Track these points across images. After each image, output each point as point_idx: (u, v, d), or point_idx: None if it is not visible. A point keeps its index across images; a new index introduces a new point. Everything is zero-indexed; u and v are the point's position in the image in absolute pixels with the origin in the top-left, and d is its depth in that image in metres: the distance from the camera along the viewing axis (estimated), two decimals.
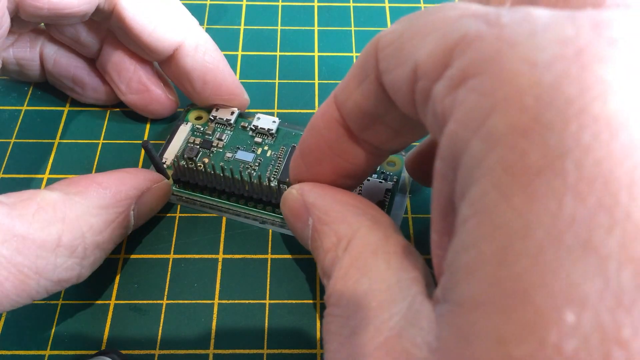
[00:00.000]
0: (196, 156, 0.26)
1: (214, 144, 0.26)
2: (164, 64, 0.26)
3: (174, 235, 0.25)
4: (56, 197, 0.19)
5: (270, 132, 0.27)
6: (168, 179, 0.25)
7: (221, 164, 0.24)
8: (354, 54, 0.32)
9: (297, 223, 0.20)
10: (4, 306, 0.18)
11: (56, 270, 0.18)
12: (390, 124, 0.17)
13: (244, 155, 0.26)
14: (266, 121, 0.27)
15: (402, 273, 0.16)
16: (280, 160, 0.26)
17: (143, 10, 0.24)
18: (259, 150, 0.26)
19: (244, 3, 0.35)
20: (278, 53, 0.32)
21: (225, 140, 0.27)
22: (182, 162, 0.24)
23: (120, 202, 0.21)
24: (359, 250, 0.17)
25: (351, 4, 0.35)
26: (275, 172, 0.25)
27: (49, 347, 0.22)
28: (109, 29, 0.26)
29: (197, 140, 0.26)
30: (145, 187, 0.22)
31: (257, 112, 0.27)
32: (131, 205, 0.21)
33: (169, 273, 0.24)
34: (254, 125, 0.27)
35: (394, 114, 0.17)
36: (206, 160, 0.26)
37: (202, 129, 0.27)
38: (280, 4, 0.35)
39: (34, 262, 0.17)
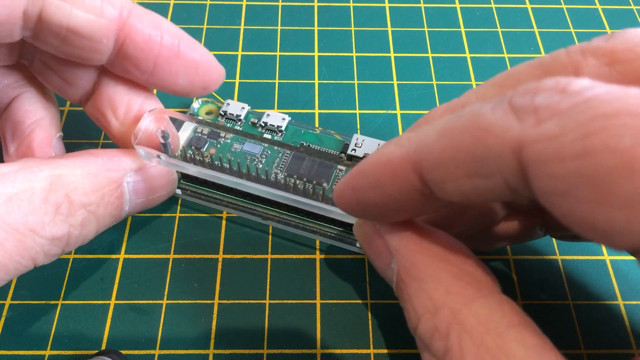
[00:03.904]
0: (203, 146, 0.26)
1: (222, 135, 0.26)
2: (116, 60, 0.22)
3: (174, 235, 0.25)
4: (40, 159, 0.19)
5: (280, 128, 0.27)
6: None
7: (228, 154, 0.24)
8: (354, 54, 0.32)
9: (376, 261, 0.19)
10: (10, 269, 0.18)
11: (46, 227, 0.18)
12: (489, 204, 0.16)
13: (251, 147, 0.26)
14: (276, 118, 0.27)
15: (547, 354, 0.14)
16: (287, 154, 0.25)
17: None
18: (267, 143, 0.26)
19: (244, 3, 0.35)
20: (278, 53, 0.32)
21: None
22: (189, 152, 0.24)
23: (111, 170, 0.21)
24: (478, 329, 0.15)
25: (351, 4, 0.35)
26: (282, 165, 0.25)
27: (49, 347, 0.22)
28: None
29: (205, 131, 0.26)
30: (142, 164, 0.22)
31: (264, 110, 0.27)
32: (124, 176, 0.21)
33: (169, 273, 0.24)
34: (263, 122, 0.27)
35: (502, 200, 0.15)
36: (213, 150, 0.26)
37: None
38: (280, 4, 0.35)
39: (25, 219, 0.18)
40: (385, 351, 0.22)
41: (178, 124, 0.26)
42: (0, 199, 0.18)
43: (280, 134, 0.27)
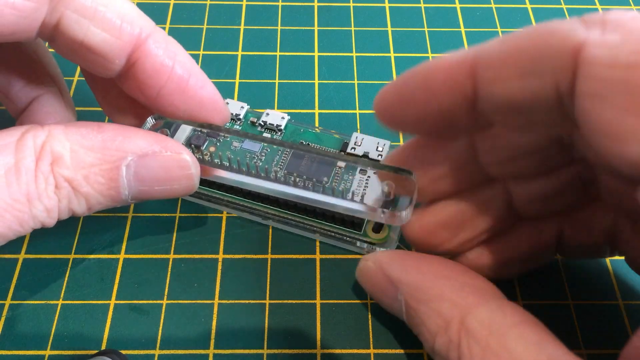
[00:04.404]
0: (203, 144, 0.26)
1: (221, 133, 0.26)
2: (122, 77, 0.21)
3: (174, 235, 0.25)
4: (40, 128, 0.19)
5: (279, 127, 0.27)
6: None
7: (228, 152, 0.24)
8: (354, 54, 0.32)
9: (382, 298, 0.20)
10: (8, 237, 0.18)
11: (41, 197, 0.18)
12: (538, 128, 0.16)
13: (250, 145, 0.26)
14: (275, 117, 0.27)
15: (547, 349, 0.15)
16: (286, 152, 0.25)
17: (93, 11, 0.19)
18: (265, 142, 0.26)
19: (244, 3, 0.35)
20: (278, 53, 0.32)
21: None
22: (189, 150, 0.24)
23: (107, 149, 0.19)
24: (482, 333, 0.16)
25: (351, 4, 0.35)
26: (282, 162, 0.25)
27: (49, 347, 0.22)
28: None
29: (204, 129, 0.26)
30: (150, 149, 0.20)
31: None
32: (122, 159, 0.19)
33: (169, 273, 0.24)
34: (262, 121, 0.27)
35: (553, 124, 0.16)
36: (212, 149, 0.26)
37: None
38: (280, 4, 0.35)
39: (24, 189, 0.17)
40: (385, 351, 0.22)
41: (175, 126, 0.26)
42: (1, 170, 0.17)
43: (279, 132, 0.27)
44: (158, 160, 0.20)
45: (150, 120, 0.23)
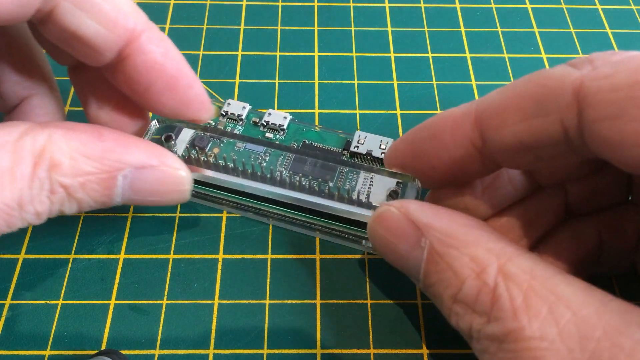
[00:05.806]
0: (206, 146, 0.26)
1: (224, 137, 0.26)
2: (110, 68, 0.21)
3: (174, 235, 0.25)
4: (39, 129, 0.18)
5: (282, 127, 0.27)
6: None
7: (232, 153, 0.24)
8: (354, 54, 0.32)
9: (400, 245, 0.19)
10: None
11: (34, 202, 0.18)
12: (545, 161, 0.17)
13: (254, 146, 0.26)
14: (277, 117, 0.27)
15: (596, 294, 0.15)
16: (289, 156, 0.25)
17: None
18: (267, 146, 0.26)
19: (244, 3, 0.35)
20: (278, 53, 0.32)
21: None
22: (193, 152, 0.24)
23: (106, 159, 0.19)
24: (524, 277, 0.16)
25: (351, 4, 0.35)
26: (286, 163, 0.25)
27: (49, 347, 0.22)
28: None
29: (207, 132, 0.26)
30: (148, 163, 0.20)
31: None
32: (121, 170, 0.19)
33: (169, 273, 0.24)
34: (265, 121, 0.27)
35: (559, 155, 0.17)
36: (216, 150, 0.26)
37: (213, 123, 0.27)
38: (280, 4, 0.35)
39: (16, 194, 0.17)
40: (385, 351, 0.22)
41: (178, 128, 0.26)
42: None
43: (282, 132, 0.27)
44: (155, 174, 0.20)
45: (154, 124, 0.23)
